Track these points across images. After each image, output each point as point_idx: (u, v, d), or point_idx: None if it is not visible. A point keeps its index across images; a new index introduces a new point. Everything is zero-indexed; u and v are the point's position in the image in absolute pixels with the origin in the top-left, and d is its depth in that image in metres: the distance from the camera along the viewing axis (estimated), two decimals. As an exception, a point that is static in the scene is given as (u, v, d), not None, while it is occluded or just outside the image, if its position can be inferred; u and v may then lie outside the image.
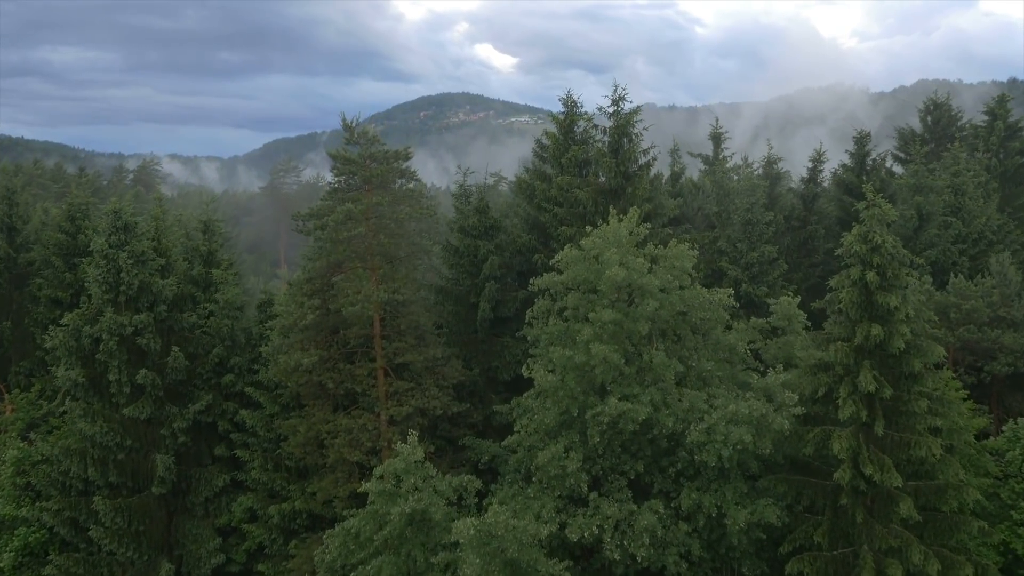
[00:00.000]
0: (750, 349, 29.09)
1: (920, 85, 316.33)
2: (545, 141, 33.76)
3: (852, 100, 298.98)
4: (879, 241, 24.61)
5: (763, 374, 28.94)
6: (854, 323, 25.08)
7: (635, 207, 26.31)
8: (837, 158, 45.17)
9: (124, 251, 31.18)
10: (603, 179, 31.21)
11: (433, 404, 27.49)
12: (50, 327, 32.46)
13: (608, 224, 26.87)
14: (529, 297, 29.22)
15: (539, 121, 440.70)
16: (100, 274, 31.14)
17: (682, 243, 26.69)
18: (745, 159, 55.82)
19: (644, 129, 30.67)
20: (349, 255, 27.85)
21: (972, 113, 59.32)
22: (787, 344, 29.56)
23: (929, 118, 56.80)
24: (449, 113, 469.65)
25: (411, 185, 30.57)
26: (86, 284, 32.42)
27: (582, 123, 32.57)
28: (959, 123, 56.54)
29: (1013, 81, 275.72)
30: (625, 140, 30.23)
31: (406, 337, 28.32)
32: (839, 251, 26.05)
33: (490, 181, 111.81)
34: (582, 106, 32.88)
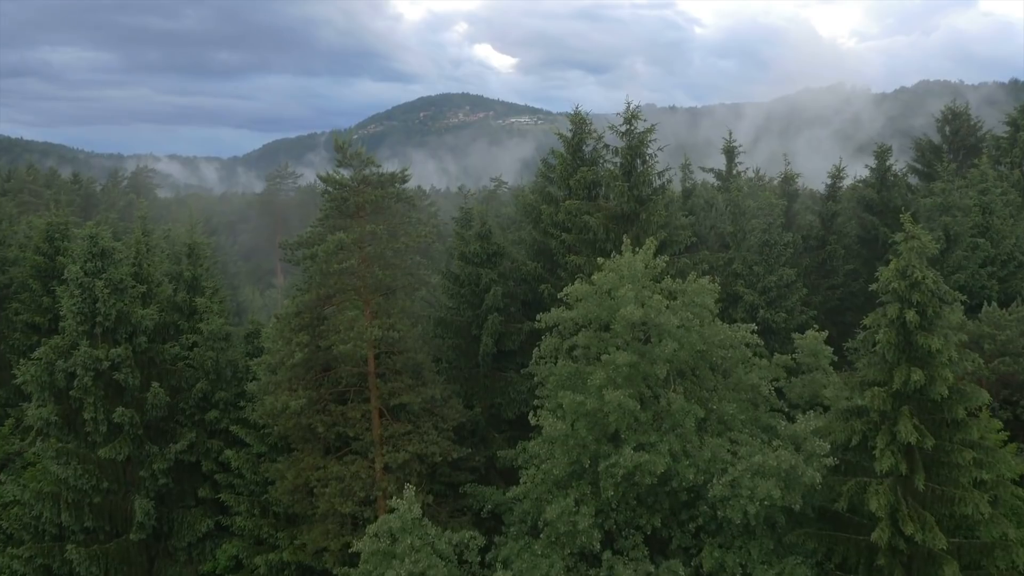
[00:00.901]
0: (773, 386, 26.96)
1: (922, 86, 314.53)
2: (552, 160, 31.61)
3: (855, 102, 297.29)
4: (919, 277, 22.47)
5: (787, 414, 26.91)
6: (891, 366, 22.97)
7: (651, 238, 24.23)
8: (840, 159, 43.10)
9: (101, 279, 29.08)
10: (613, 201, 29.02)
11: (432, 450, 25.34)
12: (21, 360, 30.31)
13: (622, 255, 24.82)
14: (535, 330, 27.18)
15: (539, 122, 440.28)
16: (75, 304, 29.03)
17: (702, 276, 24.56)
18: (757, 171, 53.78)
19: (659, 149, 28.51)
20: (341, 288, 25.72)
21: (977, 115, 57.03)
22: (813, 382, 27.46)
23: (947, 128, 54.60)
24: (448, 114, 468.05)
25: (408, 205, 28.46)
26: (61, 313, 30.34)
27: (591, 142, 30.42)
28: (978, 133, 54.38)
29: (1015, 82, 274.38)
30: (639, 161, 28.07)
31: (403, 376, 26.19)
32: (874, 286, 23.95)
33: (491, 186, 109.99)
34: (591, 123, 30.75)
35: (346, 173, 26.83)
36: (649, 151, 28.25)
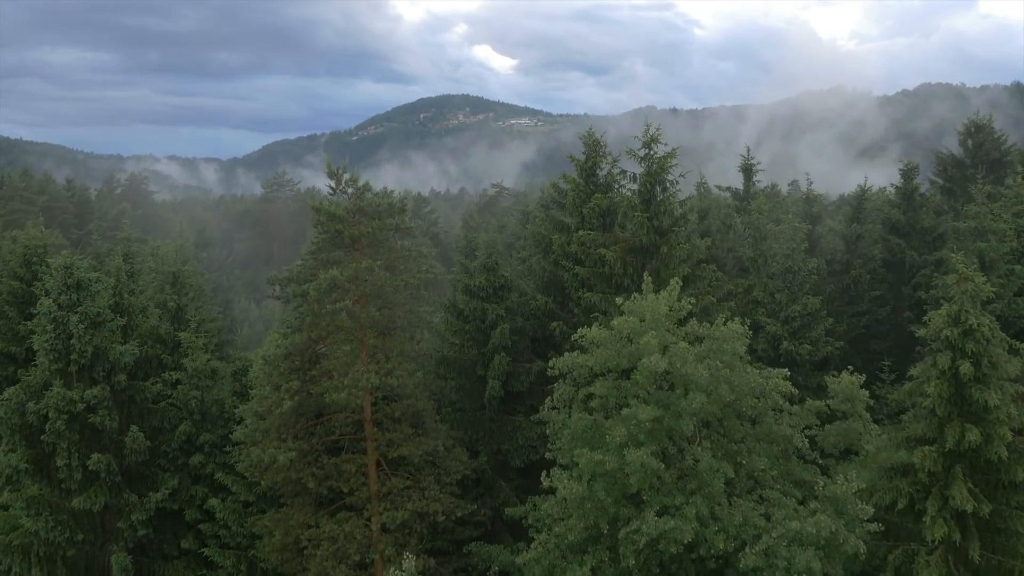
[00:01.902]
0: (805, 435, 24.73)
1: (923, 88, 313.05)
2: (563, 185, 29.37)
3: (857, 105, 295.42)
4: (974, 324, 20.34)
5: (821, 466, 24.73)
6: (942, 422, 20.82)
7: (676, 278, 21.98)
8: (844, 162, 40.93)
9: (76, 313, 26.87)
10: (630, 231, 26.75)
11: (434, 507, 23.10)
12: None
13: (641, 293, 22.62)
14: (545, 369, 25.04)
15: (539, 123, 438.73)
16: (47, 340, 26.84)
17: (730, 318, 22.35)
18: (773, 185, 51.57)
19: (680, 176, 26.23)
20: (335, 328, 23.49)
21: (1000, 129, 54.71)
22: (849, 431, 25.26)
23: (970, 141, 52.23)
24: (449, 115, 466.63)
25: (407, 236, 26.28)
26: (34, 349, 28.13)
27: (606, 165, 28.18)
28: (1002, 147, 52.05)
29: (1017, 85, 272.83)
30: (659, 189, 25.80)
31: (402, 425, 23.97)
32: (922, 332, 21.77)
33: (492, 191, 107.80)
34: (606, 144, 28.52)
35: (341, 201, 24.63)
36: (670, 177, 25.95)
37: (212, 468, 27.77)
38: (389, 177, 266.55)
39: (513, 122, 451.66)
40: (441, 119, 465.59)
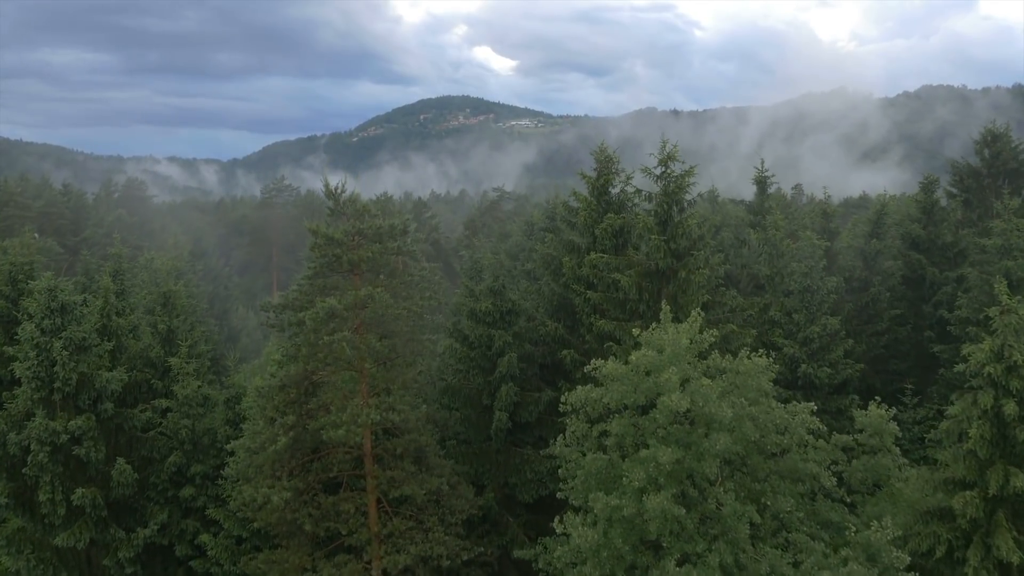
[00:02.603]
0: (831, 471, 23.31)
1: (925, 90, 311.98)
2: (573, 203, 27.94)
3: (860, 107, 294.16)
4: (1019, 360, 18.95)
5: (847, 503, 23.32)
6: (984, 465, 19.46)
7: (697, 310, 20.54)
8: (847, 165, 39.73)
9: (60, 338, 25.49)
10: (644, 252, 25.33)
11: (438, 551, 21.68)
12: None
13: (658, 322, 21.21)
14: (554, 399, 23.68)
15: (540, 125, 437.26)
16: (30, 368, 25.47)
17: (756, 351, 20.92)
18: (778, 190, 50.16)
19: (699, 195, 24.79)
20: (332, 358, 22.06)
21: (986, 121, 53.08)
22: (877, 466, 23.78)
23: (986, 151, 50.72)
24: (449, 116, 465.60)
25: (410, 260, 24.88)
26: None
27: (618, 183, 26.73)
28: (1020, 157, 50.54)
29: (1018, 87, 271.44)
30: (676, 209, 24.36)
31: (404, 462, 22.54)
32: (962, 367, 20.39)
33: (493, 195, 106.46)
34: (618, 160, 27.09)
35: (340, 223, 23.22)
36: (687, 197, 24.51)
37: (203, 501, 26.42)
38: (389, 179, 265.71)
39: (513, 123, 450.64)
40: (441, 120, 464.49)
